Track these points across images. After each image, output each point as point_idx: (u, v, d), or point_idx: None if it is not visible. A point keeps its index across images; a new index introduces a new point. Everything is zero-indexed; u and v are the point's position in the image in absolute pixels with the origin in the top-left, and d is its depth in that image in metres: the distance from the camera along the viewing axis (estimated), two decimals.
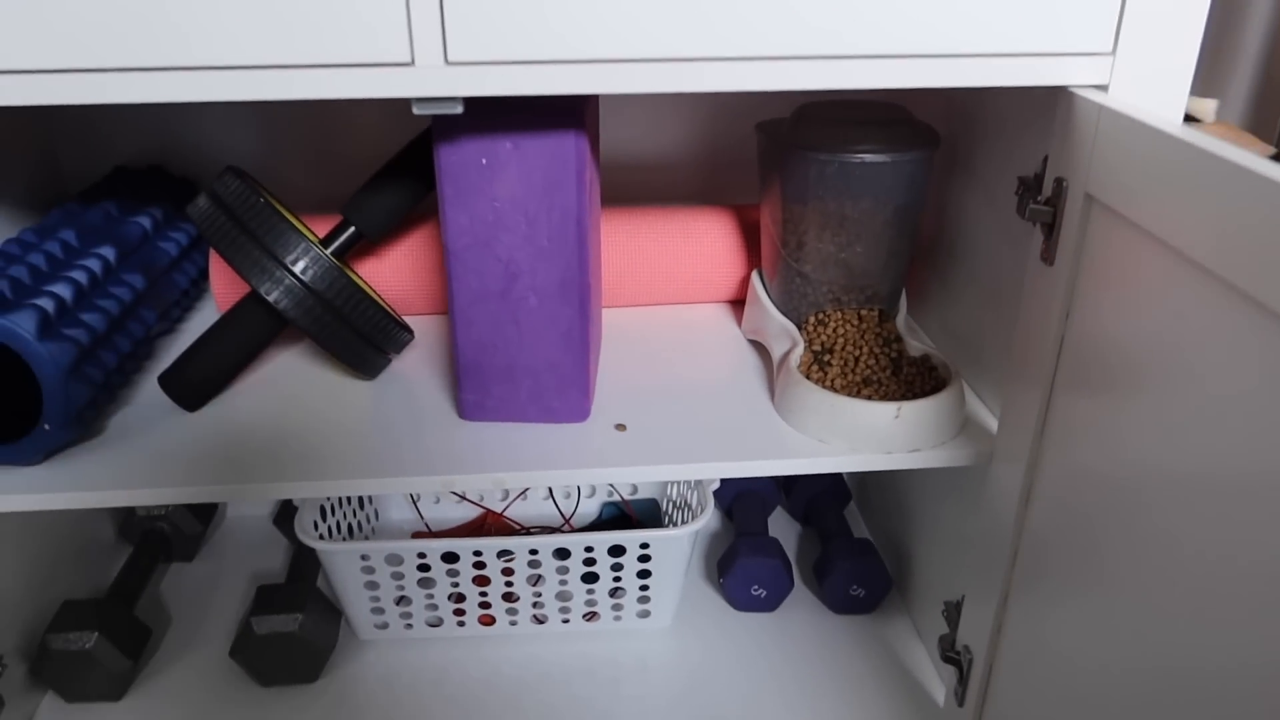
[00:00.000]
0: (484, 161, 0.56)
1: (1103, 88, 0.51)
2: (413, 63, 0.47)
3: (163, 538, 0.85)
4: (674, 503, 0.86)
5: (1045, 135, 0.57)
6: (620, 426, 0.63)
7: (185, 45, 0.46)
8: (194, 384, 0.65)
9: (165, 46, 0.45)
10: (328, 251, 0.65)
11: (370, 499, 0.88)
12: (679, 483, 0.84)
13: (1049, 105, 0.54)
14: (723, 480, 0.92)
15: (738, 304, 0.81)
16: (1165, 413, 0.42)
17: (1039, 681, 0.55)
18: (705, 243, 0.77)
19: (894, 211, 0.65)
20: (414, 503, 0.91)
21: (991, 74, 0.50)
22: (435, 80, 0.48)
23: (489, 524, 0.90)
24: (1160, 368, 0.43)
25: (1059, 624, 0.52)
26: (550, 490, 0.92)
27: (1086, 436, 0.50)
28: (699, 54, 0.48)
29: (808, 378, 0.64)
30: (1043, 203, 0.53)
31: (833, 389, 0.63)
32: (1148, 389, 0.44)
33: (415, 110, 0.49)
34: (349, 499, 0.83)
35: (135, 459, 0.60)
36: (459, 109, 0.49)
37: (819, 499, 0.90)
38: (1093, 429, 0.49)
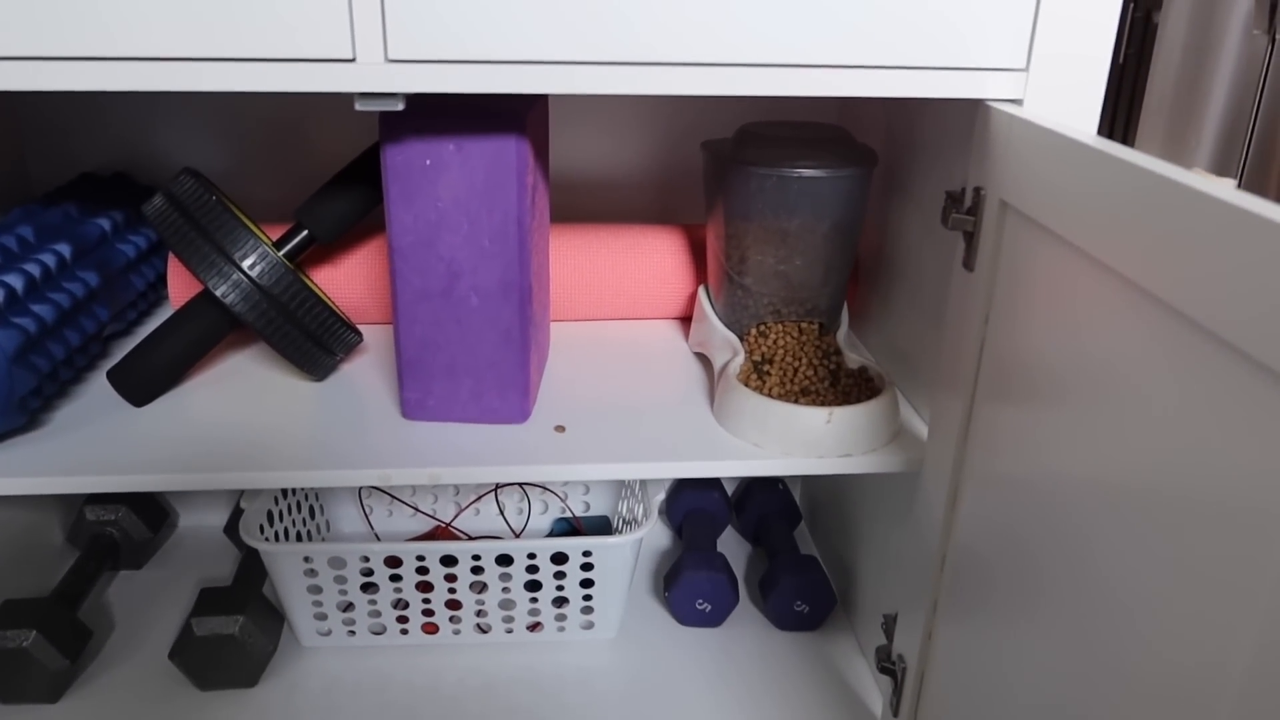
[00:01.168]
0: (428, 162, 0.57)
1: (1018, 102, 0.53)
2: (354, 59, 0.49)
3: (111, 544, 0.85)
4: (624, 519, 0.87)
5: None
6: (559, 428, 0.65)
7: (127, 35, 0.47)
8: (142, 379, 0.66)
9: (103, 36, 0.47)
10: (280, 253, 0.66)
11: (322, 509, 0.89)
12: (629, 499, 0.85)
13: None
14: (674, 498, 0.93)
15: (686, 321, 0.83)
16: (1081, 418, 0.43)
17: (969, 688, 0.56)
18: (654, 259, 0.79)
19: (831, 226, 0.67)
20: (366, 516, 0.91)
21: (914, 85, 0.53)
22: (376, 77, 0.50)
23: (439, 538, 0.90)
24: (1074, 372, 0.44)
25: (986, 631, 0.53)
26: (500, 505, 0.92)
27: (1006, 442, 0.51)
28: (642, 58, 0.50)
29: (746, 385, 0.65)
30: (964, 212, 0.55)
31: (770, 397, 0.64)
32: (1063, 394, 0.45)
33: (357, 106, 0.51)
34: (298, 506, 0.83)
35: (79, 449, 0.61)
36: (400, 106, 0.51)
37: (769, 519, 0.91)
38: (1012, 435, 0.50)
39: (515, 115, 0.57)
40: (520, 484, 0.92)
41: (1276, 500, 0.31)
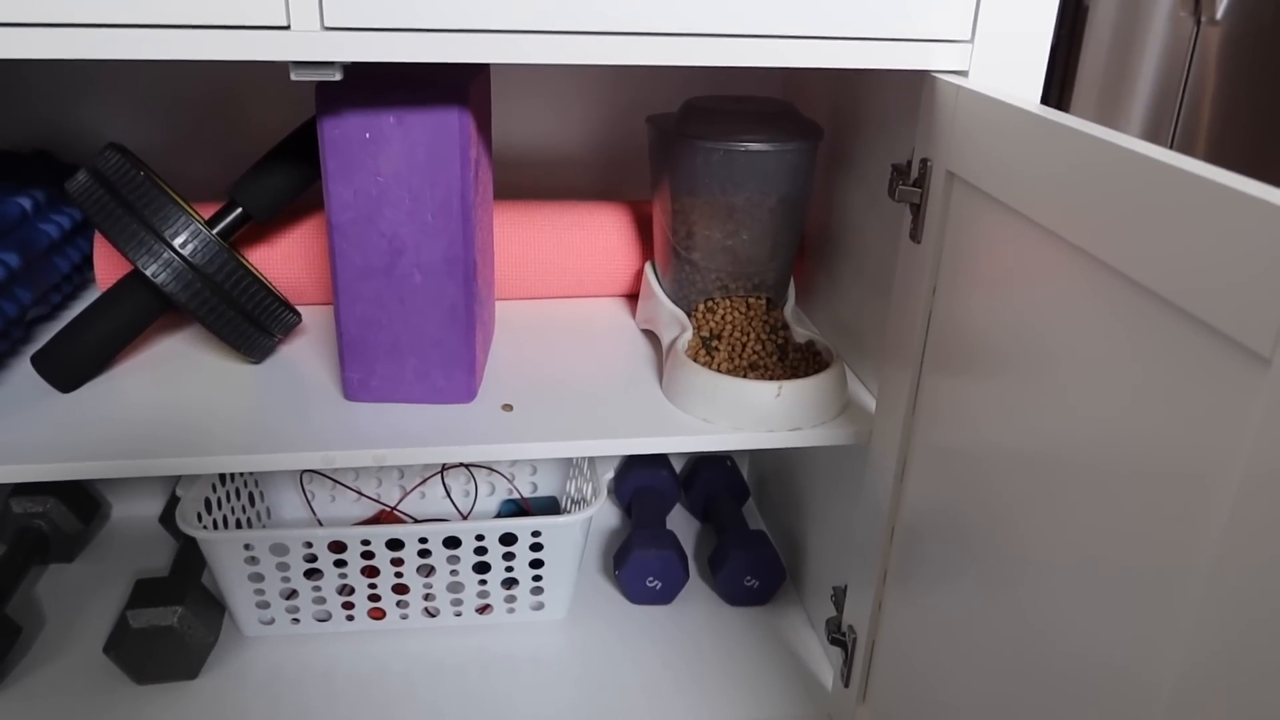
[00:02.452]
0: (367, 135, 0.56)
1: (963, 73, 0.53)
2: (288, 26, 0.47)
3: (39, 536, 0.82)
4: (573, 499, 0.86)
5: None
6: (507, 407, 0.64)
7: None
8: (69, 364, 0.63)
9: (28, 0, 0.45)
10: (213, 231, 0.64)
11: (262, 495, 0.86)
12: (577, 478, 0.85)
13: (919, 101, 0.56)
14: (622, 477, 0.92)
15: (632, 298, 0.82)
16: (1027, 388, 0.44)
17: (919, 657, 0.56)
18: (599, 236, 0.78)
19: (778, 201, 0.67)
20: (308, 501, 0.89)
21: (860, 57, 0.52)
22: (312, 45, 0.48)
23: (384, 522, 0.88)
24: (1021, 341, 0.44)
25: (936, 600, 0.54)
26: (447, 487, 0.91)
27: (953, 413, 0.51)
28: (587, 27, 0.49)
29: (695, 361, 0.65)
30: (911, 184, 0.55)
31: (719, 372, 0.64)
32: (1009, 364, 0.45)
33: (293, 76, 0.49)
34: (237, 493, 0.81)
35: (3, 438, 0.58)
36: (337, 76, 0.49)
37: (717, 496, 0.91)
38: (958, 406, 0.51)
39: (457, 87, 0.55)
40: (466, 465, 0.91)
41: (1219, 466, 0.31)
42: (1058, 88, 1.87)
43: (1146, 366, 0.35)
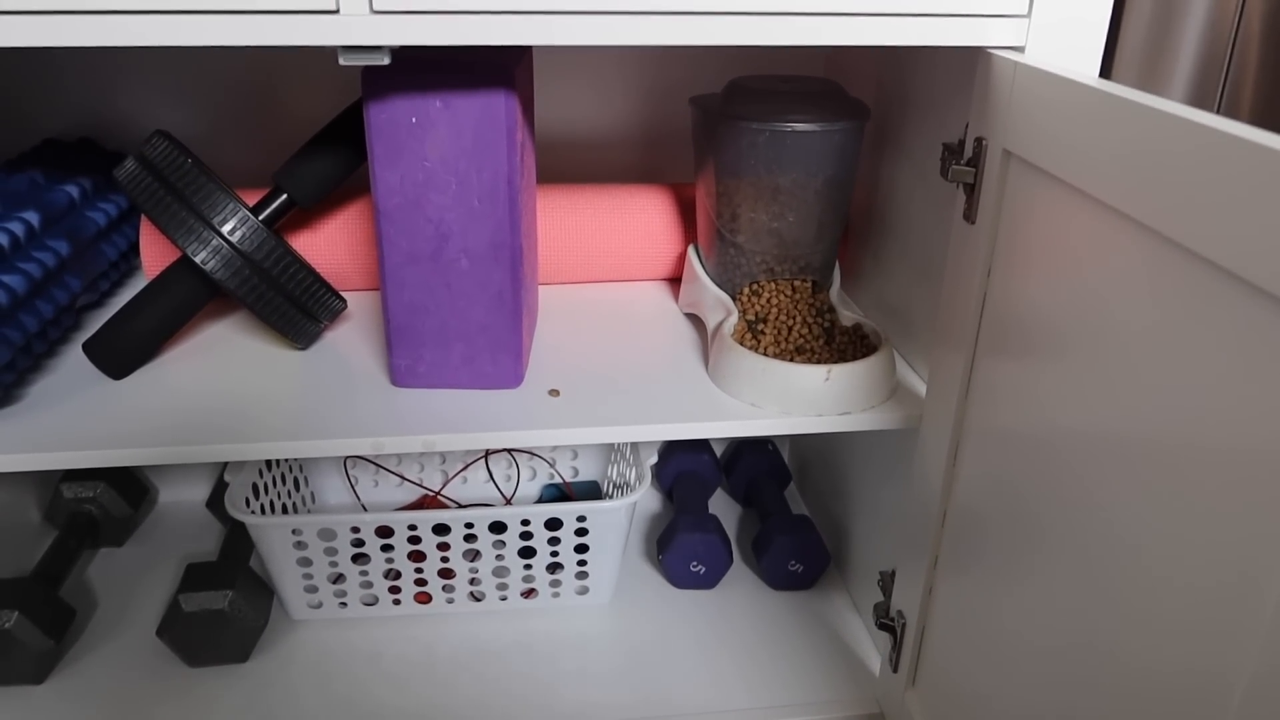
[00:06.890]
0: (414, 120, 0.55)
1: (1019, 49, 0.52)
2: (337, 10, 0.47)
3: (90, 521, 0.83)
4: (614, 484, 0.86)
5: (969, 108, 0.58)
6: (554, 392, 0.63)
7: None
8: (119, 351, 0.64)
9: None
10: (259, 217, 0.64)
11: (306, 480, 0.87)
12: (619, 463, 0.84)
13: (972, 78, 0.55)
14: (664, 462, 0.92)
15: (675, 282, 0.82)
16: (1089, 368, 0.43)
17: (971, 642, 0.56)
18: (641, 220, 0.78)
19: (825, 182, 0.66)
20: (352, 486, 0.90)
21: (913, 34, 0.51)
22: (360, 29, 0.47)
23: (428, 507, 0.89)
24: (1083, 321, 0.43)
25: (989, 585, 0.53)
26: (490, 472, 0.91)
27: (1010, 396, 0.51)
28: (631, 8, 0.48)
29: (741, 344, 0.64)
30: (964, 164, 0.54)
31: (766, 356, 0.63)
32: (1071, 344, 0.44)
33: (341, 60, 0.49)
34: (283, 478, 0.82)
35: (55, 424, 0.59)
36: (385, 60, 0.49)
37: (759, 480, 0.91)
38: (1016, 388, 0.50)
39: (503, 70, 0.55)
40: (509, 450, 0.91)
41: None
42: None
43: (1225, 349, 0.34)
